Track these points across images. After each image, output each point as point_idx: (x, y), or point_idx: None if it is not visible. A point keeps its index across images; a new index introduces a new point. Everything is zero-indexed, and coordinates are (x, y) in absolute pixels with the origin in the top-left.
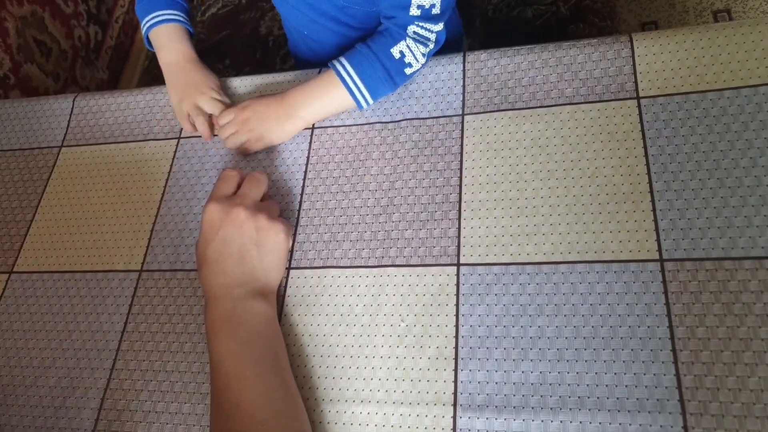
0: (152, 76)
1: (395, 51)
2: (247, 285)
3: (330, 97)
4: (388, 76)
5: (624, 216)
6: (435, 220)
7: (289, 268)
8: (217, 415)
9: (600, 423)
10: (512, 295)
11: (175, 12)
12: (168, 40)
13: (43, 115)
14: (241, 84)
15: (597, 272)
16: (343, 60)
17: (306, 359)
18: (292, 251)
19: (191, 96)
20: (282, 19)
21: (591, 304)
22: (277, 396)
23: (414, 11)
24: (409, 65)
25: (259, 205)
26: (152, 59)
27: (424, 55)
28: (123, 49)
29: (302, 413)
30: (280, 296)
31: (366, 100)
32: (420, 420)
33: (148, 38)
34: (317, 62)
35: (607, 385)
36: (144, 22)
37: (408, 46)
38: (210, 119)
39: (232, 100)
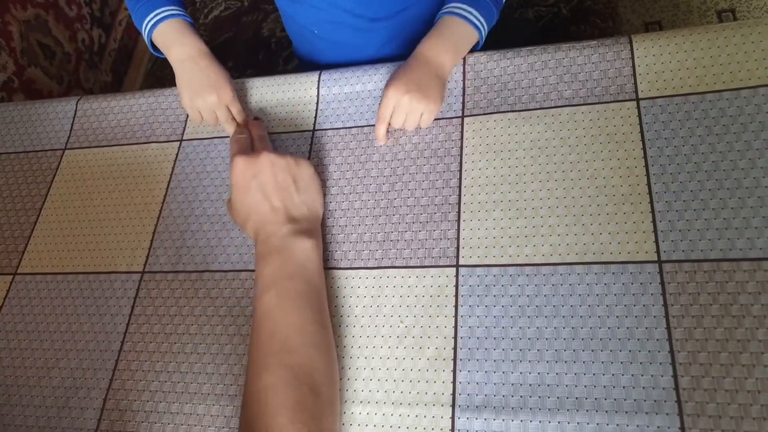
0: (155, 78)
1: None
2: (294, 222)
3: (464, 44)
4: (496, 7)
5: (622, 217)
6: (434, 221)
7: None
8: (254, 341)
9: (597, 424)
10: (511, 296)
11: (177, 7)
12: (179, 35)
13: (46, 118)
14: (243, 87)
15: (595, 273)
16: (461, 6)
17: None
18: None
19: (204, 98)
20: (286, 21)
21: (589, 306)
22: (311, 330)
23: None
24: None
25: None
26: (156, 61)
27: None
28: (126, 52)
29: (331, 348)
30: None
31: (484, 36)
32: (419, 420)
33: (151, 39)
34: (324, 63)
35: (604, 386)
36: (145, 22)
37: None
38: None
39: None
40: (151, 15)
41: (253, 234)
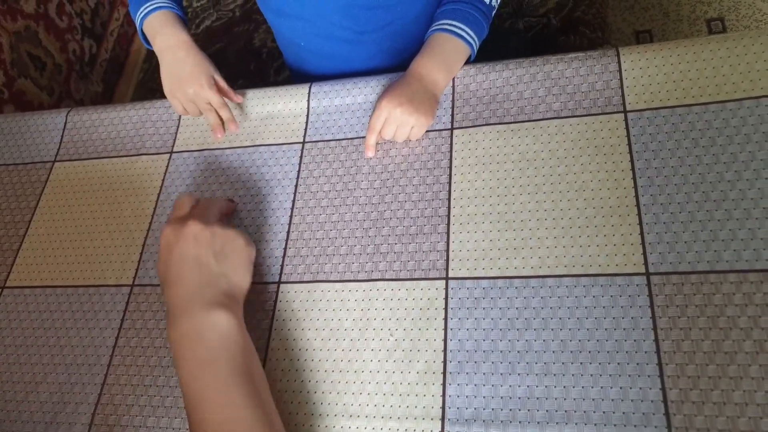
0: (147, 88)
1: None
2: (205, 295)
3: (456, 60)
4: (486, 21)
5: (610, 230)
6: (424, 233)
7: (279, 283)
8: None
9: None
10: (500, 309)
11: (168, 1)
12: (160, 25)
13: (36, 130)
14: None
15: (584, 286)
16: (450, 22)
17: (296, 373)
18: (282, 265)
19: (183, 90)
20: (275, 33)
21: (578, 318)
22: (243, 415)
23: None
24: (493, 7)
25: (215, 221)
26: (147, 72)
27: None
28: (118, 62)
29: (271, 426)
30: (269, 310)
31: (475, 50)
32: None
33: (143, 33)
34: (313, 73)
35: (593, 399)
36: (137, 15)
37: None
38: (217, 114)
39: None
40: (143, 7)
41: (167, 302)
